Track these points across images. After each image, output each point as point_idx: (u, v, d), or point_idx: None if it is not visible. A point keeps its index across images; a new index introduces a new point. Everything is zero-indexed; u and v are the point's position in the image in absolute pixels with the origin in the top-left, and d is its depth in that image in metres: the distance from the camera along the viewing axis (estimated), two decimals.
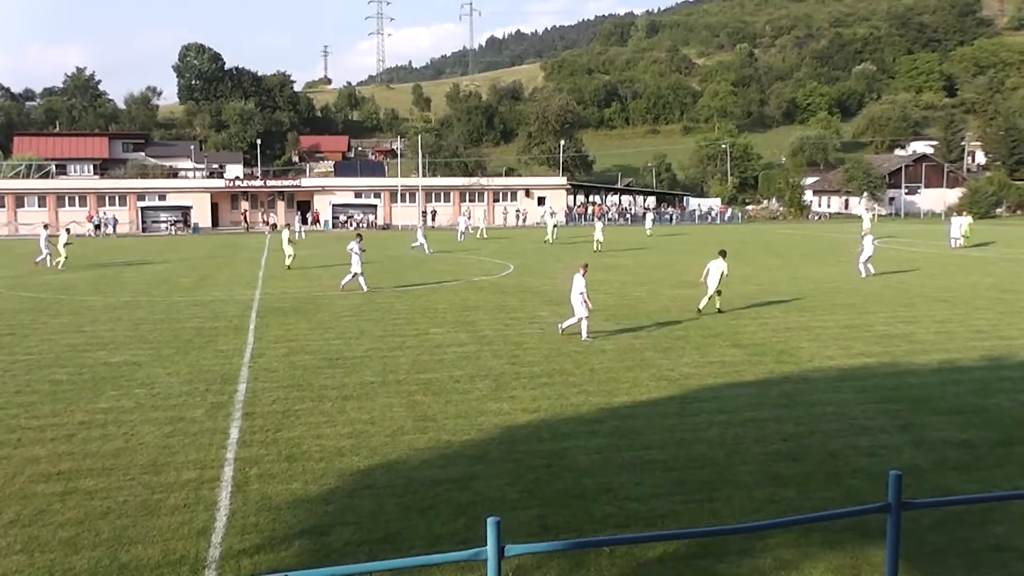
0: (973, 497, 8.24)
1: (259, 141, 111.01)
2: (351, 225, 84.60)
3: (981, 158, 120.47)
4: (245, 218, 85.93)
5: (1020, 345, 18.90)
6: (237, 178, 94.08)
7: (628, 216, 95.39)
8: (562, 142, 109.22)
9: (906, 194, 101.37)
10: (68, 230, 47.43)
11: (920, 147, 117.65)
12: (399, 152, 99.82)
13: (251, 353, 18.41)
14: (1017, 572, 8.04)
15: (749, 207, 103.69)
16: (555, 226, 59.23)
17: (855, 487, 10.17)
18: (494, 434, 12.46)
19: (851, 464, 11.10)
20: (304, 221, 76.92)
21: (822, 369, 16.65)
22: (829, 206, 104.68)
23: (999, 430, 12.59)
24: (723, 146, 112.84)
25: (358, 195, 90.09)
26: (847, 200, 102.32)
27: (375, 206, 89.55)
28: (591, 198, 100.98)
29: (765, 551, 8.40)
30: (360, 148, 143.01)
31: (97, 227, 76.59)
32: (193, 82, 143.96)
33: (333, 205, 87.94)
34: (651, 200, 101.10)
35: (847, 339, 19.76)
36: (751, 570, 8.13)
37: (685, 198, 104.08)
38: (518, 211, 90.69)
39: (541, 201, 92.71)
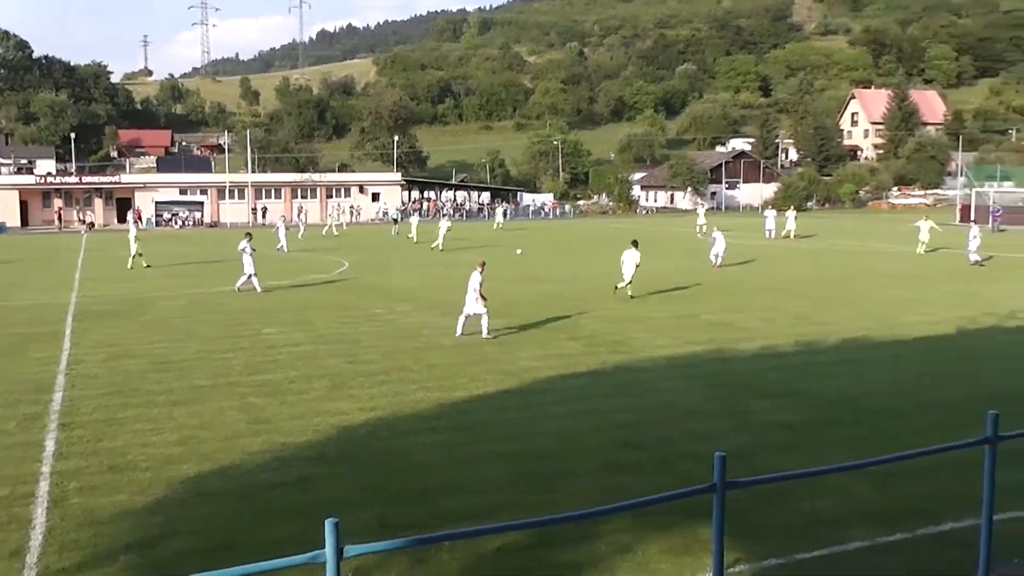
0: (790, 474, 8.71)
1: (73, 135, 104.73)
2: (176, 223, 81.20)
3: (794, 155, 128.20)
4: (59, 217, 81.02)
5: (831, 330, 20.20)
6: (49, 174, 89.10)
7: (463, 212, 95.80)
8: (396, 138, 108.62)
9: (727, 189, 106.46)
10: None
11: (739, 144, 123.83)
12: (227, 147, 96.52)
13: (68, 360, 17.36)
14: (830, 543, 8.57)
15: (581, 202, 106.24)
16: (416, 223, 55.60)
17: (687, 470, 10.55)
18: (332, 434, 12.24)
19: (682, 448, 11.53)
20: (122, 219, 73.17)
21: (654, 358, 17.23)
22: (656, 201, 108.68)
23: (815, 411, 13.41)
24: (555, 143, 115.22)
25: (183, 192, 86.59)
26: (672, 195, 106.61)
27: (201, 203, 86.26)
28: (426, 194, 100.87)
29: (601, 537, 8.61)
30: (185, 143, 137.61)
31: None
32: None
33: (156, 202, 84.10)
34: (486, 196, 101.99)
35: (678, 329, 20.55)
36: (589, 556, 8.32)
37: (519, 194, 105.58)
38: (352, 207, 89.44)
39: (376, 197, 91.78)
